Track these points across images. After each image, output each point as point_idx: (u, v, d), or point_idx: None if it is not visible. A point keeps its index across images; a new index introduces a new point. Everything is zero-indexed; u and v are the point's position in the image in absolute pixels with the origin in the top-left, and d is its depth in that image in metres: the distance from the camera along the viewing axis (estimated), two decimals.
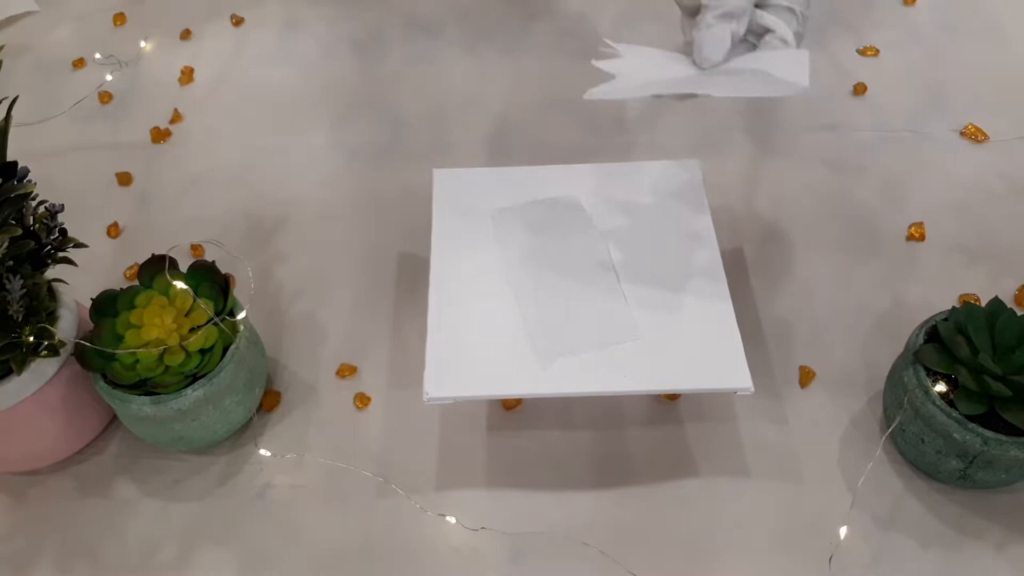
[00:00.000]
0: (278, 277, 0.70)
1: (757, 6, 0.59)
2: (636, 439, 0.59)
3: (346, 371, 0.63)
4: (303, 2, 0.93)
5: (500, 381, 0.52)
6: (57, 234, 0.55)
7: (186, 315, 0.56)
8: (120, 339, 0.56)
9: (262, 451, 0.60)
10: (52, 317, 0.55)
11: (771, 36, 0.59)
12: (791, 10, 0.59)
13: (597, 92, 0.53)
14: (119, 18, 0.92)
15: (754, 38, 0.60)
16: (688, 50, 0.60)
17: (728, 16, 0.58)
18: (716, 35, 0.58)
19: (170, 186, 0.77)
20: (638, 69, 0.56)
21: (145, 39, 0.90)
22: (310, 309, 0.68)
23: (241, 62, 0.87)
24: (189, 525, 0.57)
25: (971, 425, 0.51)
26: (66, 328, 0.56)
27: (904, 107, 0.77)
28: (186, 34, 0.90)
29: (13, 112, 0.53)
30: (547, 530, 0.55)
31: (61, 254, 0.55)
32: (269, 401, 0.62)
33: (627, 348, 0.52)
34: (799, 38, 0.59)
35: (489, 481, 0.58)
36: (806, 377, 0.61)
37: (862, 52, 0.81)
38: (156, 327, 0.55)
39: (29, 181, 0.53)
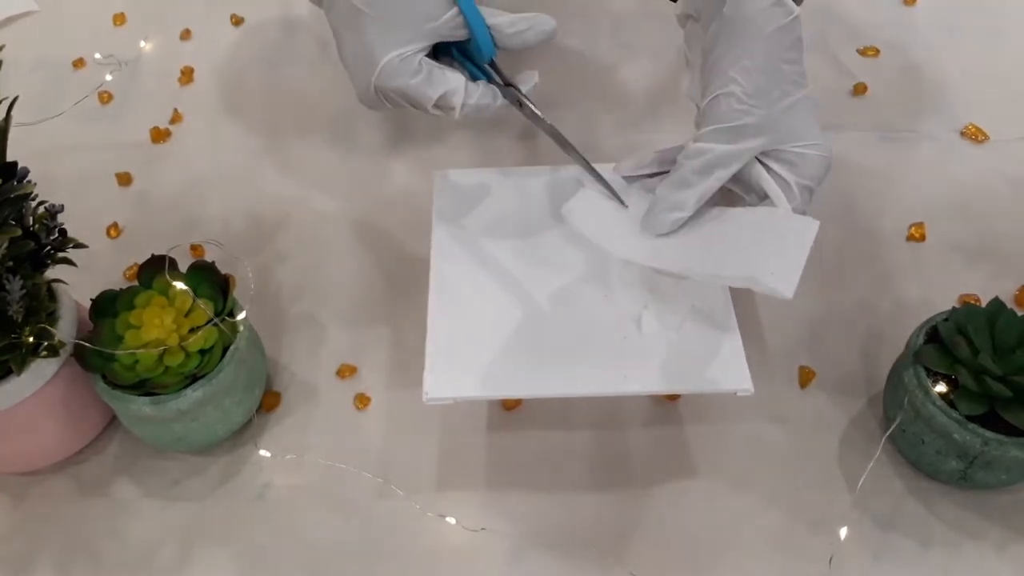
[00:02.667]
0: (278, 277, 0.70)
1: (760, 160, 0.50)
2: (636, 439, 0.59)
3: (346, 371, 0.63)
4: (303, 2, 0.92)
5: (500, 381, 0.52)
6: (57, 234, 0.55)
7: (186, 315, 0.56)
8: (120, 339, 0.55)
9: (262, 452, 0.60)
10: (52, 317, 0.55)
11: (765, 204, 0.51)
12: (796, 185, 0.50)
13: (574, 218, 0.52)
14: (119, 18, 0.92)
15: (742, 191, 0.52)
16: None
17: (708, 169, 0.49)
18: (676, 201, 0.49)
19: (170, 186, 0.77)
20: (606, 218, 0.53)
21: (145, 39, 0.90)
22: (310, 309, 0.67)
23: (241, 62, 0.87)
24: (189, 525, 0.57)
25: (971, 426, 0.51)
26: (66, 328, 0.55)
27: (904, 107, 0.77)
28: (186, 34, 0.90)
29: (13, 112, 0.53)
30: (547, 530, 0.55)
31: (61, 254, 0.55)
32: (269, 401, 0.62)
33: (627, 349, 0.52)
34: (806, 194, 0.51)
35: (489, 481, 0.58)
36: (806, 378, 0.61)
37: (862, 52, 0.81)
38: (156, 327, 0.55)
39: (29, 181, 0.53)
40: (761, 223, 0.50)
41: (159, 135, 0.80)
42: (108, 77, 0.86)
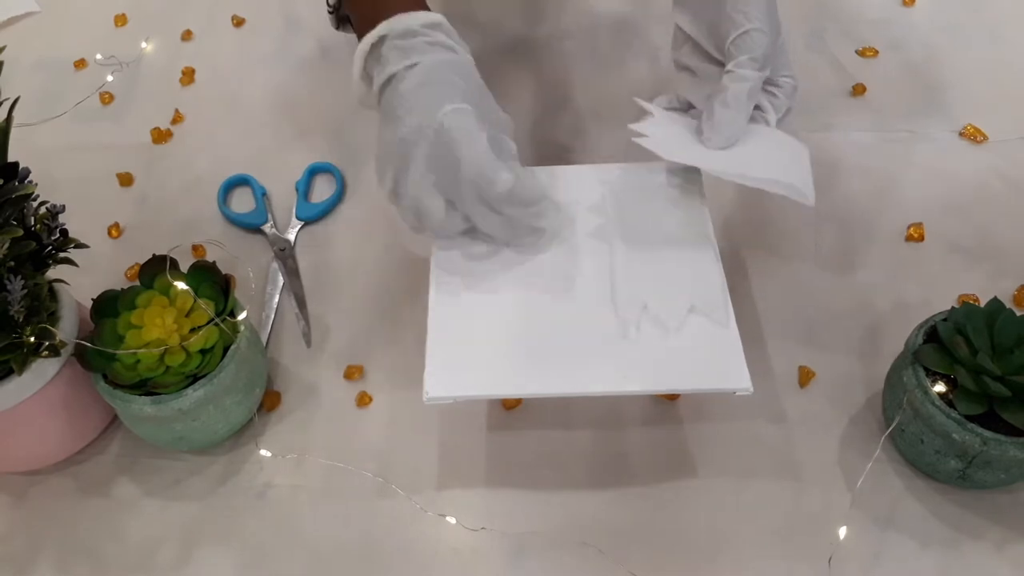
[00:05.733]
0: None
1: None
2: (636, 439, 0.59)
3: (347, 371, 0.64)
4: (304, 3, 0.93)
5: (500, 381, 0.52)
6: (58, 234, 0.55)
7: (187, 315, 0.57)
8: (121, 339, 0.56)
9: (262, 451, 0.60)
10: (53, 317, 0.55)
11: (758, 114, 0.60)
12: (781, 104, 0.59)
13: (646, 142, 0.56)
14: (120, 19, 0.92)
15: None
16: (692, 109, 0.61)
17: (754, 93, 0.57)
18: (736, 119, 0.57)
19: (171, 186, 0.77)
20: (670, 136, 0.59)
21: (146, 40, 0.90)
22: (310, 309, 0.68)
23: (242, 63, 0.87)
24: (189, 525, 0.57)
25: (970, 425, 0.51)
26: (67, 328, 0.56)
27: (903, 108, 0.77)
28: (187, 35, 0.90)
29: (14, 113, 0.53)
30: (547, 530, 0.55)
31: (62, 254, 0.56)
32: (269, 401, 0.62)
33: (627, 349, 0.52)
34: (786, 113, 0.61)
35: (489, 481, 0.58)
36: (805, 377, 0.61)
37: (861, 53, 0.81)
38: (157, 327, 0.55)
39: (30, 182, 0.53)
40: (779, 141, 0.59)
41: (160, 135, 0.81)
42: (109, 78, 0.86)
